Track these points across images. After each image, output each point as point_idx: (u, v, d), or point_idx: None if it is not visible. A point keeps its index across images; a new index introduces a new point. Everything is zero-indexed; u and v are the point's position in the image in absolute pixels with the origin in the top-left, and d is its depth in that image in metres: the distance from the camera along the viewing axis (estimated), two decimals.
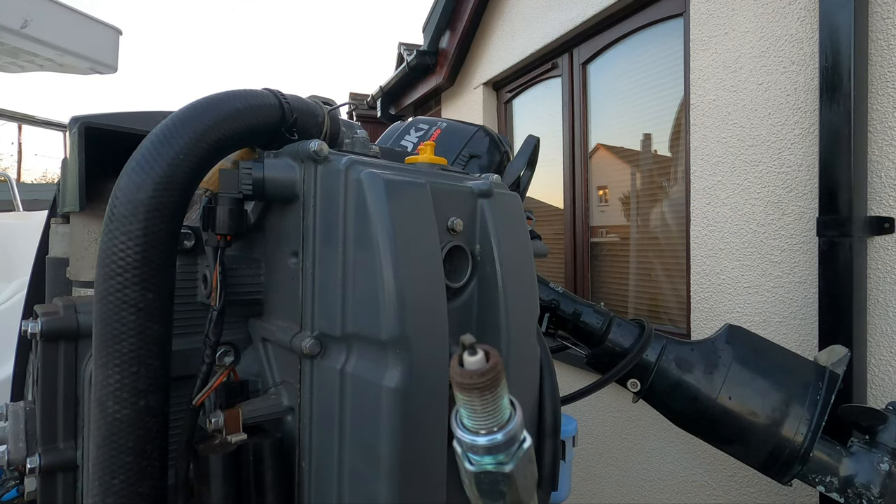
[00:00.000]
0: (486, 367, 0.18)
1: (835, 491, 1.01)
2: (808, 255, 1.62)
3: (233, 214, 0.57)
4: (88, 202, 0.76)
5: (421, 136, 1.09)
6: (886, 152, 1.43)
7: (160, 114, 0.65)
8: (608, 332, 1.16)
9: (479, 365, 0.18)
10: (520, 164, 1.04)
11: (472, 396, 0.18)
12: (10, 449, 0.65)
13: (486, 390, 0.18)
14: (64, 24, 2.95)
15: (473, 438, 0.18)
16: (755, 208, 1.79)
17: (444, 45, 4.11)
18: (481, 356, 0.18)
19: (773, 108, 1.73)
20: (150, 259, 0.49)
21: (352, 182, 0.52)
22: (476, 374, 0.18)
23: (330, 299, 0.53)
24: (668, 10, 2.26)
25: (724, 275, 1.92)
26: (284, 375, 0.61)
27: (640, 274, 2.58)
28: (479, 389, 0.18)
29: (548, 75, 3.18)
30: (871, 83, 1.46)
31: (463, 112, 4.07)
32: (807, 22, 1.61)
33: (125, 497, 0.49)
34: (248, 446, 0.55)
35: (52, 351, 0.60)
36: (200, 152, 0.51)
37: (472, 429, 0.19)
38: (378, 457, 0.49)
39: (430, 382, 0.51)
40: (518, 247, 0.63)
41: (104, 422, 0.49)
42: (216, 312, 0.55)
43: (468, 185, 0.61)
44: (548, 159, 3.09)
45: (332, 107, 0.69)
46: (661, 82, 2.37)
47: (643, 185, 2.57)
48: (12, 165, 13.15)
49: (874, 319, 1.47)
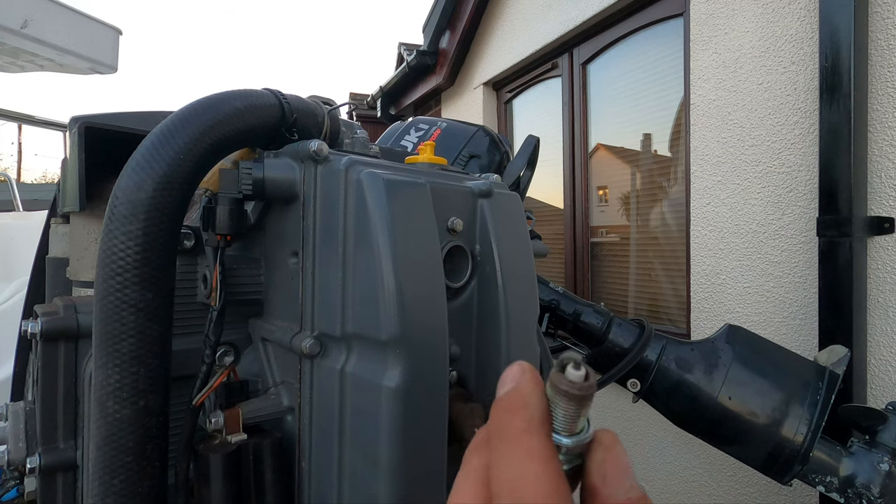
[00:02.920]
0: (585, 383, 0.21)
1: (835, 491, 1.01)
2: (808, 255, 1.62)
3: (233, 214, 0.56)
4: (88, 202, 0.76)
5: (421, 136, 1.09)
6: (886, 152, 1.43)
7: (160, 114, 0.65)
8: (608, 332, 1.16)
9: (579, 379, 0.21)
10: (520, 164, 1.04)
11: (560, 401, 0.21)
12: (10, 449, 0.65)
13: (572, 401, 0.21)
14: (64, 24, 2.95)
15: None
16: (755, 208, 1.79)
17: (444, 45, 4.11)
18: (584, 373, 0.21)
19: (773, 108, 1.73)
20: (150, 259, 0.49)
21: (352, 182, 0.52)
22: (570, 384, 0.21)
23: (330, 299, 0.53)
24: (668, 10, 2.26)
25: (724, 275, 1.92)
26: (284, 375, 0.61)
27: (640, 274, 2.58)
28: (567, 398, 0.21)
29: (548, 75, 3.18)
30: (871, 83, 1.46)
31: (463, 112, 4.07)
32: (807, 22, 1.61)
33: (125, 497, 0.49)
34: (248, 446, 0.55)
35: (52, 351, 0.60)
36: (200, 152, 0.51)
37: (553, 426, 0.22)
38: (378, 457, 0.49)
39: (430, 382, 0.51)
40: (518, 247, 0.63)
41: (104, 422, 0.49)
42: (216, 312, 0.55)
43: (468, 185, 0.61)
44: (548, 159, 3.09)
45: (332, 107, 0.69)
46: (661, 82, 2.37)
47: (643, 185, 2.57)
48: (12, 165, 13.16)
49: (874, 319, 1.47)
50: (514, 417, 0.21)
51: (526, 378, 0.22)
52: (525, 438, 0.21)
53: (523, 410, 0.21)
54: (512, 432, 0.21)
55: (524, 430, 0.21)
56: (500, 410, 0.22)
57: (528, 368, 0.23)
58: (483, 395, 0.59)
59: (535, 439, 0.21)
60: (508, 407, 0.22)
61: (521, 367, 0.23)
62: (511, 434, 0.21)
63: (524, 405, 0.21)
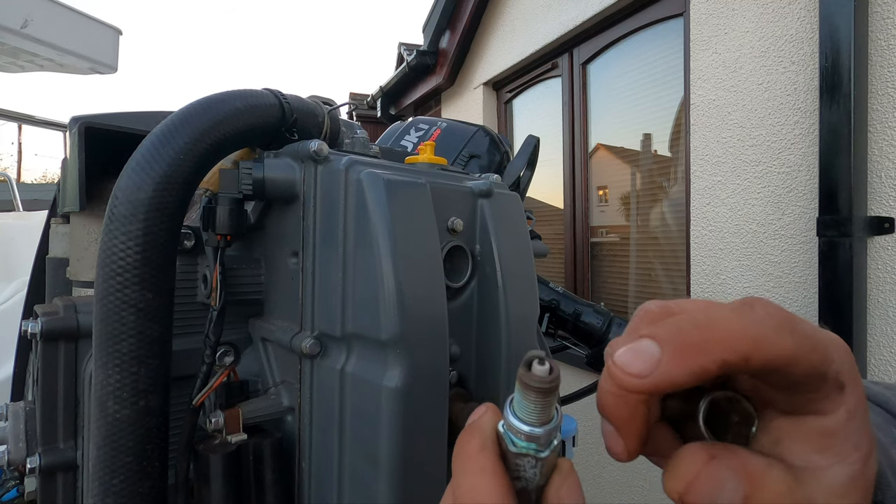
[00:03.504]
0: (551, 376, 0.23)
1: None
2: (808, 255, 1.62)
3: (233, 214, 0.56)
4: (88, 202, 0.76)
5: (421, 136, 1.09)
6: (886, 152, 1.43)
7: (160, 114, 0.65)
8: (608, 332, 1.16)
9: (545, 374, 0.23)
10: (520, 164, 1.04)
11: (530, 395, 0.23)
12: (10, 449, 0.65)
13: (541, 394, 0.23)
14: (64, 24, 2.95)
15: (519, 424, 0.24)
16: (755, 208, 1.79)
17: (444, 45, 4.11)
18: (548, 367, 0.23)
19: (773, 108, 1.73)
20: (150, 259, 0.49)
21: (352, 182, 0.52)
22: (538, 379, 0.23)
23: (330, 299, 0.53)
24: (668, 10, 2.26)
25: (724, 275, 1.92)
26: (284, 375, 0.61)
27: (640, 274, 2.58)
28: (536, 392, 0.23)
29: (548, 75, 3.18)
30: (871, 83, 1.46)
31: (463, 112, 4.07)
32: (807, 22, 1.61)
33: (125, 497, 0.49)
34: (248, 446, 0.55)
35: (52, 351, 0.60)
36: (200, 152, 0.51)
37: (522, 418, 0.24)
38: (378, 457, 0.49)
39: (430, 382, 0.51)
40: (518, 247, 0.63)
41: (104, 422, 0.49)
42: (216, 312, 0.55)
43: (468, 185, 0.61)
44: (548, 159, 3.09)
45: (332, 107, 0.69)
46: (661, 82, 2.37)
47: (643, 185, 2.57)
48: (12, 165, 13.16)
49: (874, 319, 1.47)
50: (471, 439, 0.25)
51: (485, 413, 0.27)
52: (480, 457, 0.24)
53: (479, 434, 0.25)
54: (469, 452, 0.25)
55: (479, 449, 0.25)
56: (462, 435, 0.26)
57: (492, 407, 0.27)
58: (483, 395, 0.59)
59: (487, 458, 0.24)
60: (468, 432, 0.26)
61: (485, 406, 0.27)
62: (468, 453, 0.25)
63: (480, 430, 0.25)
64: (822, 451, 0.22)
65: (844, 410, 0.22)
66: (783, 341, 0.21)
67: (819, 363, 0.21)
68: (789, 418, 0.24)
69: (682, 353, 0.21)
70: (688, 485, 0.21)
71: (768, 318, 0.21)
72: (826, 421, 0.23)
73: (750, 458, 0.22)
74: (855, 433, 0.22)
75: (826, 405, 0.22)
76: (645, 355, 0.21)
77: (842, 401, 0.22)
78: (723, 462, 0.21)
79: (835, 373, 0.22)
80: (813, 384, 0.22)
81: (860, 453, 0.22)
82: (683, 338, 0.21)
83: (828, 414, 0.23)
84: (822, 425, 0.23)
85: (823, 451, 0.22)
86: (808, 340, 0.21)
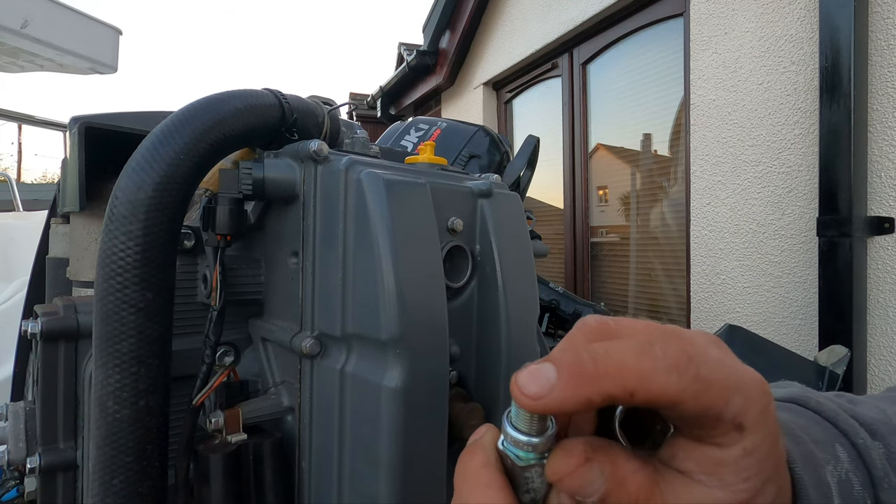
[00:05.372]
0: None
1: None
2: (808, 255, 1.62)
3: (233, 214, 0.56)
4: (88, 202, 0.76)
5: (421, 136, 1.09)
6: (886, 152, 1.43)
7: (160, 114, 0.65)
8: None
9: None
10: (520, 164, 1.04)
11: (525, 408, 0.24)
12: (10, 449, 0.65)
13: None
14: (64, 24, 2.95)
15: (517, 434, 0.25)
16: (755, 208, 1.79)
17: (444, 45, 4.11)
18: None
19: (773, 108, 1.73)
20: (150, 259, 0.49)
21: (352, 182, 0.52)
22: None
23: (330, 299, 0.53)
24: (668, 10, 2.26)
25: (724, 275, 1.92)
26: (284, 375, 0.61)
27: (640, 274, 2.58)
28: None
29: (548, 75, 3.19)
30: (871, 83, 1.46)
31: (463, 112, 4.07)
32: (807, 22, 1.61)
33: (125, 497, 0.49)
34: (248, 446, 0.55)
35: (52, 351, 0.60)
36: (200, 152, 0.51)
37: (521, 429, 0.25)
38: (378, 457, 0.49)
39: (430, 382, 0.51)
40: (518, 247, 0.63)
41: (104, 422, 0.49)
42: (216, 312, 0.55)
43: (468, 185, 0.61)
44: (548, 159, 3.09)
45: (332, 107, 0.69)
46: (661, 82, 2.37)
47: (643, 185, 2.57)
48: (12, 165, 13.17)
49: (874, 319, 1.47)
50: (473, 457, 0.26)
51: (486, 432, 0.28)
52: (484, 472, 0.25)
53: (482, 451, 0.26)
54: (472, 469, 0.26)
55: (482, 465, 0.26)
56: (463, 455, 0.27)
57: (491, 427, 0.28)
58: (483, 395, 0.59)
59: (491, 474, 0.25)
60: (470, 450, 0.27)
61: (485, 426, 0.28)
62: (472, 471, 0.26)
63: (482, 448, 0.26)
64: (710, 475, 0.24)
65: (740, 448, 0.24)
66: (669, 382, 0.22)
67: (710, 405, 0.23)
68: (689, 440, 0.25)
69: (574, 383, 0.23)
70: (561, 478, 0.24)
71: (663, 359, 0.23)
72: (720, 453, 0.24)
73: (624, 463, 0.24)
74: (749, 469, 0.24)
75: (722, 440, 0.24)
76: (542, 380, 0.23)
77: (739, 439, 0.24)
78: (595, 465, 0.24)
79: (732, 415, 0.23)
80: (707, 422, 0.24)
81: (749, 485, 0.24)
82: (578, 368, 0.23)
83: (723, 447, 0.24)
84: (716, 456, 0.24)
85: (711, 475, 0.24)
86: (698, 384, 0.23)
